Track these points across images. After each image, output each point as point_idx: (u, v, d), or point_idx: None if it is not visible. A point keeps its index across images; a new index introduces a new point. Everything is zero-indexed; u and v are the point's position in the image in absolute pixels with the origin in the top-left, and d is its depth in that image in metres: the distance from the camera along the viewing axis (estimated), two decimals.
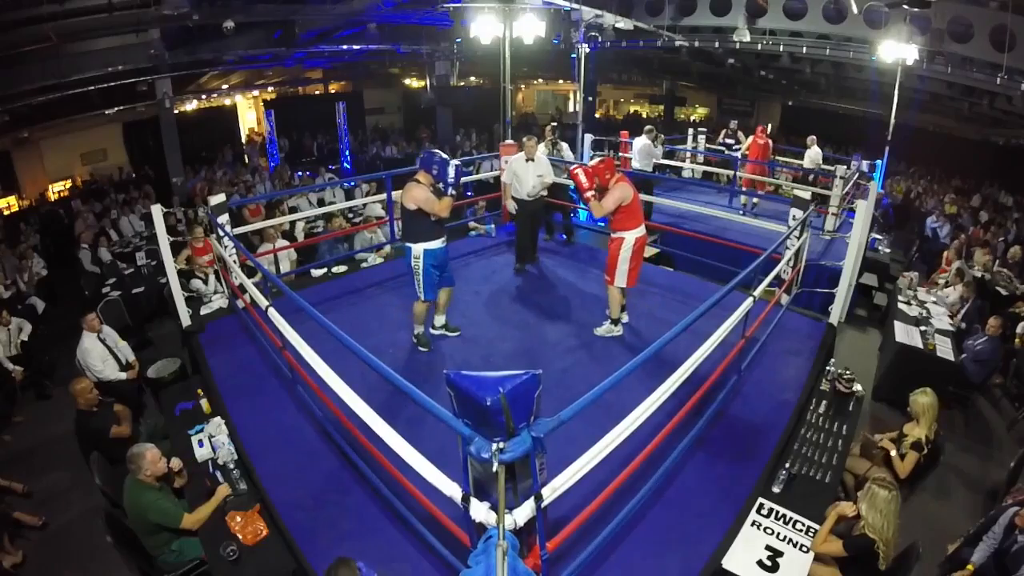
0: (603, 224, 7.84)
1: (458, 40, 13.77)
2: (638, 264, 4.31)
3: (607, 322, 4.47)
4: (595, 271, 5.61)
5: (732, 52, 12.23)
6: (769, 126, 19.59)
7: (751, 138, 9.17)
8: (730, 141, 9.84)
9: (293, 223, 7.75)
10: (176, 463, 3.14)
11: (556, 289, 5.33)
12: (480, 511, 1.91)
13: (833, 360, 4.13)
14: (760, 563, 2.58)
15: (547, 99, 23.26)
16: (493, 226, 6.91)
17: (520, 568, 1.76)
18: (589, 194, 4.04)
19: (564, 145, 8.01)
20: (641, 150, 8.18)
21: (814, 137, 9.37)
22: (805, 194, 6.80)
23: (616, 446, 2.22)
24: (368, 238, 6.91)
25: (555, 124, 8.99)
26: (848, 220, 7.06)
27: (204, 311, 4.97)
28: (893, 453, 3.55)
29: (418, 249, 3.85)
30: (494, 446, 1.74)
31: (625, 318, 4.60)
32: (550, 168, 5.80)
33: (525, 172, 5.57)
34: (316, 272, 5.85)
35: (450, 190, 3.85)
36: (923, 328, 5.32)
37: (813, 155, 9.21)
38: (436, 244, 3.92)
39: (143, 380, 4.73)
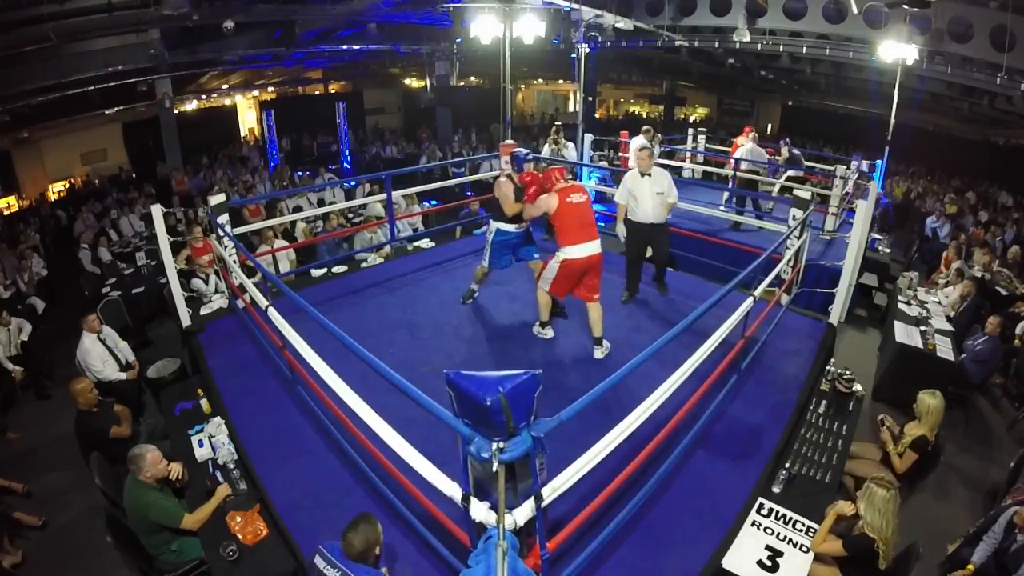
0: (603, 224, 7.90)
1: (458, 40, 13.79)
2: (570, 284, 3.99)
3: (536, 323, 4.41)
4: None
5: (732, 52, 12.25)
6: (769, 127, 19.65)
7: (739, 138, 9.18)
8: (797, 153, 8.50)
9: (293, 223, 7.76)
10: (177, 469, 3.12)
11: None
12: (480, 511, 1.91)
13: (833, 360, 4.13)
14: (760, 563, 2.58)
15: (547, 99, 23.27)
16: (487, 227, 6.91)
17: (520, 568, 1.76)
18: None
19: (570, 144, 8.03)
20: (636, 151, 8.20)
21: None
22: (805, 194, 6.80)
23: (616, 446, 2.22)
24: (368, 238, 6.91)
25: (559, 124, 9.00)
26: (848, 220, 7.06)
27: (204, 311, 4.97)
28: (890, 448, 3.56)
29: (493, 225, 4.50)
30: (494, 446, 1.74)
31: (549, 333, 4.36)
32: (671, 183, 4.80)
33: (641, 190, 4.76)
34: (316, 272, 5.85)
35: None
36: (923, 328, 5.32)
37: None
38: (508, 227, 4.43)
39: (143, 380, 4.74)
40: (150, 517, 2.91)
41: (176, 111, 12.98)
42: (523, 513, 1.89)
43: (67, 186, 12.45)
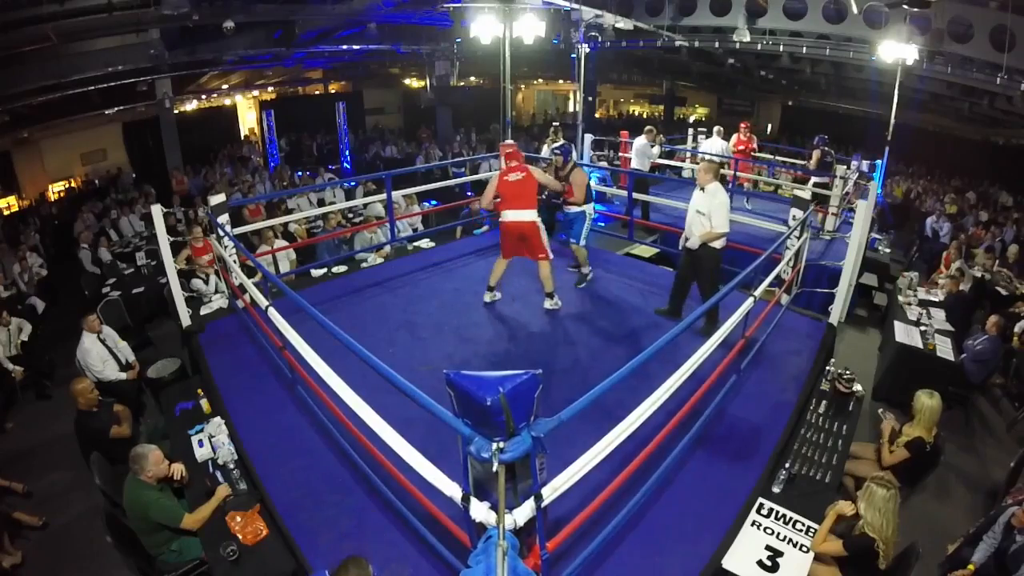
0: (603, 224, 7.90)
1: (458, 40, 13.77)
2: (510, 245, 4.79)
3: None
4: (595, 271, 5.61)
5: (732, 52, 12.24)
6: (769, 126, 19.62)
7: (734, 137, 9.25)
8: (829, 160, 7.88)
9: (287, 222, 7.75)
10: (178, 469, 3.12)
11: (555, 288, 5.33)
12: (480, 511, 1.91)
13: (833, 360, 4.13)
14: (760, 563, 2.58)
15: (547, 99, 23.27)
16: (486, 227, 6.97)
17: (520, 568, 1.76)
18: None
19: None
20: (638, 150, 8.24)
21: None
22: (805, 194, 6.80)
23: (616, 446, 2.22)
24: (368, 238, 6.90)
25: (556, 124, 9.01)
26: (848, 220, 7.05)
27: (204, 311, 4.97)
28: (883, 441, 3.57)
29: (587, 208, 5.21)
30: (494, 446, 1.74)
31: (490, 297, 5.00)
32: (721, 206, 4.18)
33: (690, 204, 4.43)
34: (316, 272, 5.85)
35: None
36: (923, 328, 5.32)
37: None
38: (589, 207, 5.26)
39: (143, 380, 4.74)
40: (150, 516, 2.91)
41: (176, 111, 12.97)
42: (523, 513, 1.89)
43: (67, 186, 12.45)
